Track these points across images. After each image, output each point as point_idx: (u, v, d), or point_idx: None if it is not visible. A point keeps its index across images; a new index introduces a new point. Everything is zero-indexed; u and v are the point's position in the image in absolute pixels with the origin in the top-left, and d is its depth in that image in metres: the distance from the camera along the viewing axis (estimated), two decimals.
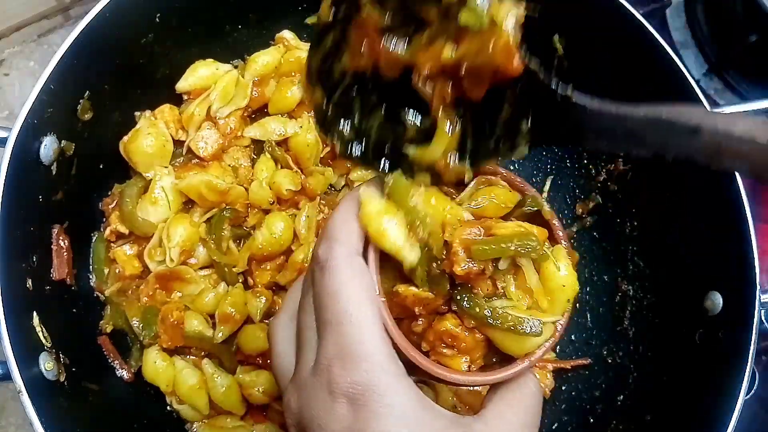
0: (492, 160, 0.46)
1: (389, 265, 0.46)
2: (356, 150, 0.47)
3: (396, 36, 0.42)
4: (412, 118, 0.45)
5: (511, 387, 0.46)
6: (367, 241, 0.46)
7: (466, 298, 0.45)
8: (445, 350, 0.46)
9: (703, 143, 0.38)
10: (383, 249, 0.44)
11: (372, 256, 0.45)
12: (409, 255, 0.44)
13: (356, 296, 0.41)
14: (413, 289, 0.45)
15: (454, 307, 0.46)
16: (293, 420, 0.44)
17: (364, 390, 0.39)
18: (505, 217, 0.48)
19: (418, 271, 0.45)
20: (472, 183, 0.49)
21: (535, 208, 0.48)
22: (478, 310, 0.45)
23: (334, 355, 0.40)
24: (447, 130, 0.44)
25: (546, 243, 0.47)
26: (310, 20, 0.51)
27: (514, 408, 0.45)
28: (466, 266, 0.44)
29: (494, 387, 0.47)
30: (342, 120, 0.46)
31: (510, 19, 0.39)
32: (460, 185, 0.48)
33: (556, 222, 0.48)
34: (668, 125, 0.39)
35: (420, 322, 0.47)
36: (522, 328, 0.45)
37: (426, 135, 0.45)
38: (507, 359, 0.47)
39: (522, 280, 0.46)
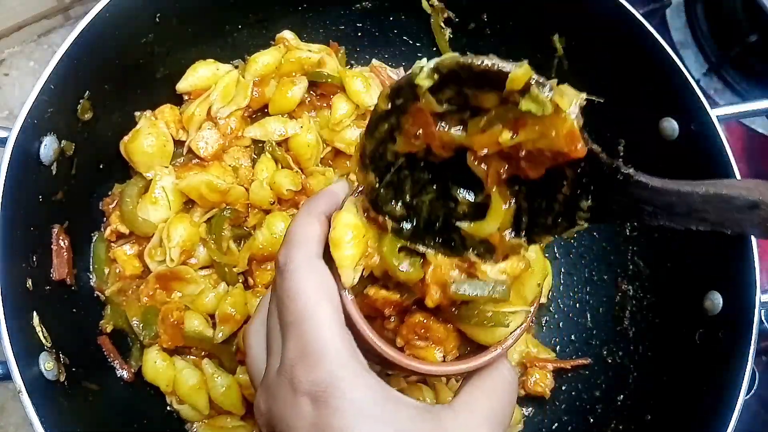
0: (549, 236, 0.45)
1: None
2: (407, 227, 0.46)
3: (452, 121, 0.42)
4: (465, 194, 0.45)
5: (483, 374, 0.47)
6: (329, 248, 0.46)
7: None
8: (419, 342, 0.47)
9: (761, 218, 0.40)
10: (331, 254, 0.45)
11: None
12: (347, 275, 0.45)
13: (314, 296, 0.43)
14: (383, 291, 0.46)
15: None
16: (263, 421, 0.45)
17: (325, 387, 0.40)
18: None
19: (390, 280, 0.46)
20: None
21: None
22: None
23: (295, 355, 0.42)
24: (502, 206, 0.43)
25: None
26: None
27: (485, 394, 0.46)
28: (437, 298, 0.45)
29: (468, 375, 0.48)
30: (394, 199, 0.46)
31: (573, 104, 0.39)
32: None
33: None
34: (728, 201, 0.41)
35: (392, 320, 0.48)
36: (490, 323, 0.46)
37: (479, 209, 0.45)
38: (480, 348, 0.48)
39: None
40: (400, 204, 0.46)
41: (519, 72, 0.39)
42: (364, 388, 0.40)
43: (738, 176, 0.64)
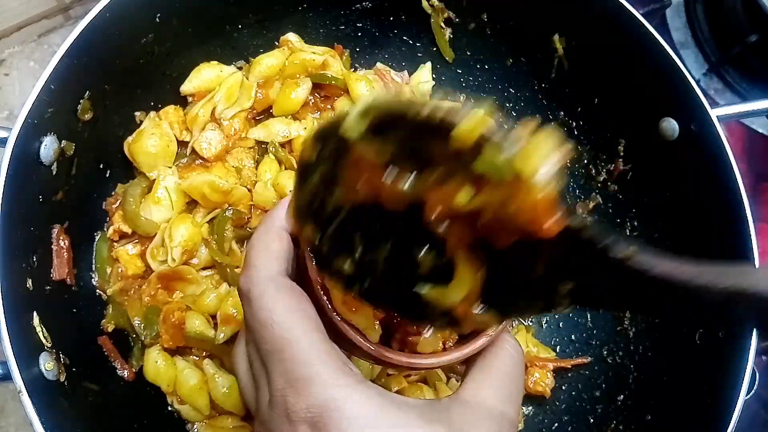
0: (526, 315, 0.39)
1: None
2: (360, 287, 0.41)
3: (400, 170, 0.34)
4: (426, 254, 0.36)
5: (487, 356, 0.45)
6: (303, 260, 0.44)
7: None
8: (413, 339, 0.45)
9: None
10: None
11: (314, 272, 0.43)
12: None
13: (288, 319, 0.41)
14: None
15: None
16: None
17: (321, 411, 0.38)
18: None
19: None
20: None
21: None
22: None
23: (284, 384, 0.40)
24: (468, 273, 0.35)
25: None
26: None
27: (492, 377, 0.43)
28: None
29: (471, 360, 0.45)
30: (341, 255, 0.40)
31: (545, 168, 0.29)
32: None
33: None
34: (754, 297, 0.30)
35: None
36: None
37: (443, 271, 0.36)
38: None
39: None
40: (349, 262, 0.39)
41: (466, 126, 0.30)
42: (362, 401, 0.39)
43: (738, 176, 0.64)
